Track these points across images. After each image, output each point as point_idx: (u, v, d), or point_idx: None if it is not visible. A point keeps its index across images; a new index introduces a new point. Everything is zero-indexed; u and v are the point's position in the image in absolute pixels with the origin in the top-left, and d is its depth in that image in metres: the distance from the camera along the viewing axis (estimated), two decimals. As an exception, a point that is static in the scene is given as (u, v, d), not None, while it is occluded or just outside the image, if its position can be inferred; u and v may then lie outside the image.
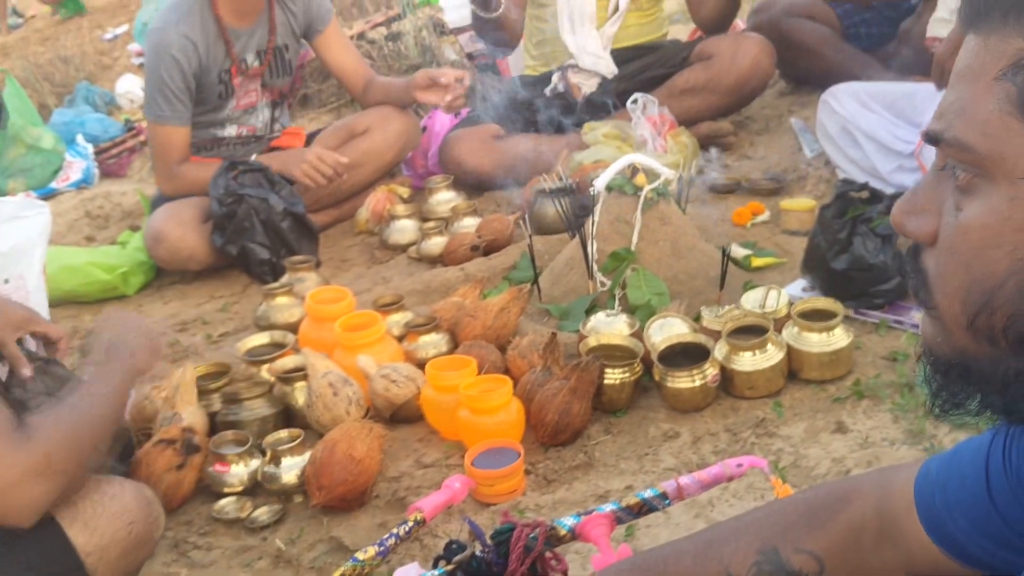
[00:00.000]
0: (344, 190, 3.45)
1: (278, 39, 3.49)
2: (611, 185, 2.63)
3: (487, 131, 3.49)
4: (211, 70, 3.37)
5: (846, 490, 1.29)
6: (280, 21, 3.48)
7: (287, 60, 3.55)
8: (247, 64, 3.44)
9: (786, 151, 3.41)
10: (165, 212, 3.26)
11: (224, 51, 3.38)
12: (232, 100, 3.47)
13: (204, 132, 3.47)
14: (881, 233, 2.38)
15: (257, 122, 3.56)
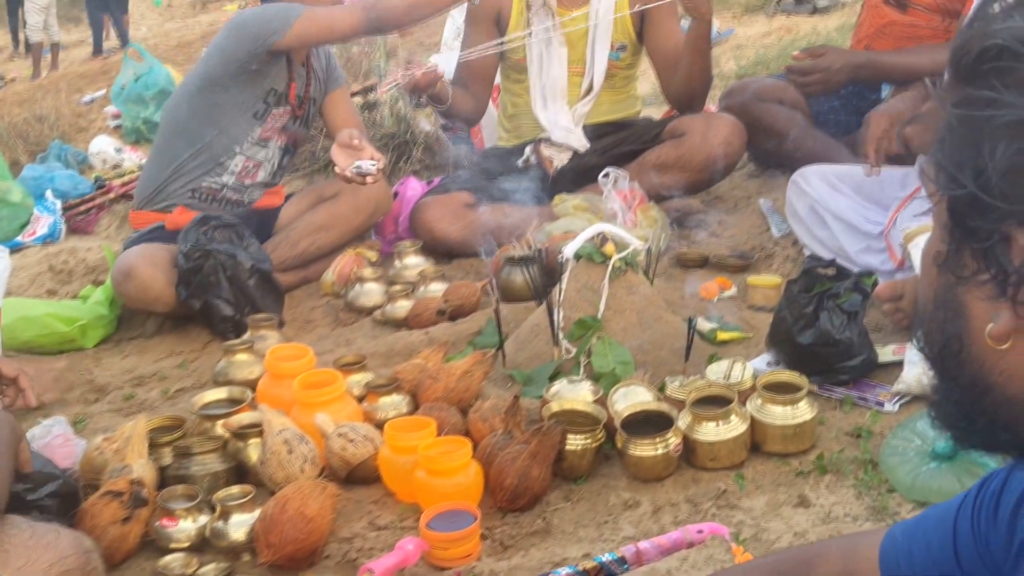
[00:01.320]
0: (311, 252, 3.43)
1: (312, 90, 3.57)
2: (580, 253, 2.62)
3: (458, 199, 3.49)
4: (271, 75, 3.43)
5: (811, 555, 1.27)
6: (313, 76, 3.58)
7: (310, 113, 3.61)
8: (295, 98, 3.51)
9: (754, 230, 3.42)
10: (138, 250, 3.23)
11: (287, 71, 3.45)
12: (260, 126, 3.49)
13: (207, 170, 3.46)
14: (847, 310, 2.37)
15: (265, 160, 3.55)
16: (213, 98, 3.41)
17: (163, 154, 3.53)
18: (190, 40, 11.49)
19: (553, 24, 3.58)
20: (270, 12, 3.38)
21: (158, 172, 3.51)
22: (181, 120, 3.50)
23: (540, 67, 3.62)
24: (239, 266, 3.08)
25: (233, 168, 3.50)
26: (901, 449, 2.07)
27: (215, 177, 3.48)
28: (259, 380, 2.58)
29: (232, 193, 3.51)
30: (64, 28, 15.64)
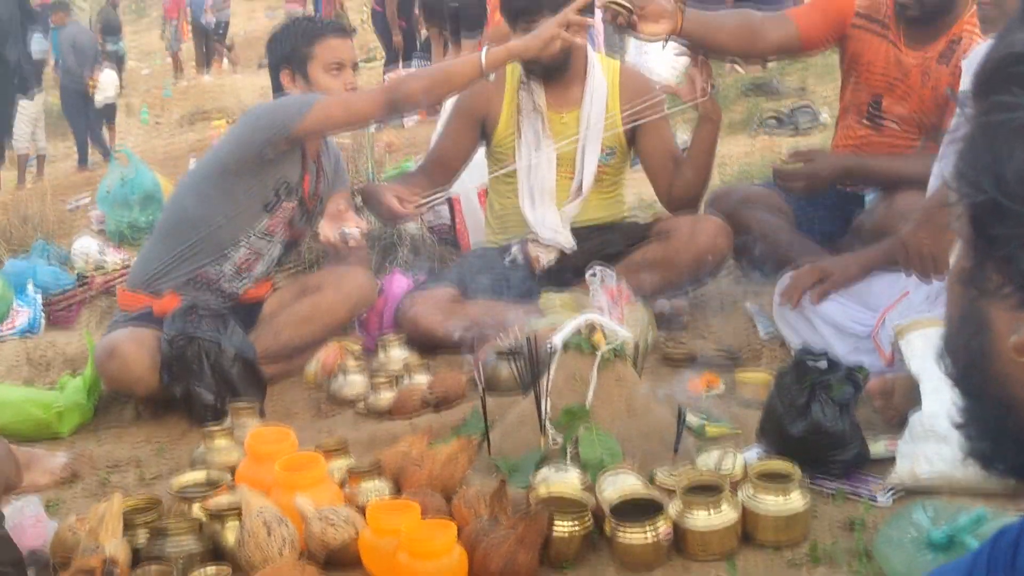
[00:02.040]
0: (294, 344, 3.40)
1: (321, 187, 3.59)
2: (568, 343, 2.60)
3: (444, 294, 3.47)
4: (284, 165, 3.42)
5: None
6: (323, 174, 3.61)
7: (317, 212, 3.61)
8: (306, 192, 3.51)
9: (740, 331, 3.42)
10: (124, 330, 3.21)
11: (300, 164, 3.45)
12: (268, 218, 3.47)
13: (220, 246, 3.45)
14: (839, 401, 2.35)
15: (265, 253, 3.53)
16: (225, 186, 3.41)
17: (166, 238, 3.52)
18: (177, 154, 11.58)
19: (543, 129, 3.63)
20: (288, 100, 3.44)
21: (158, 256, 3.49)
22: (188, 208, 3.49)
23: (529, 168, 3.65)
24: (222, 353, 3.04)
25: (234, 258, 3.48)
26: (896, 539, 2.03)
27: (216, 266, 3.46)
28: (238, 465, 2.53)
29: (227, 283, 3.49)
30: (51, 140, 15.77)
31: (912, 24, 3.38)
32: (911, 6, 3.30)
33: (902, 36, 3.44)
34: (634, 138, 3.72)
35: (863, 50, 3.54)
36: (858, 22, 3.56)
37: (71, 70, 14.18)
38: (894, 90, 3.46)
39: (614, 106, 3.67)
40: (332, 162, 3.70)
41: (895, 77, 3.46)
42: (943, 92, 3.35)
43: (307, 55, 3.53)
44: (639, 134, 3.69)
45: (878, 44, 3.50)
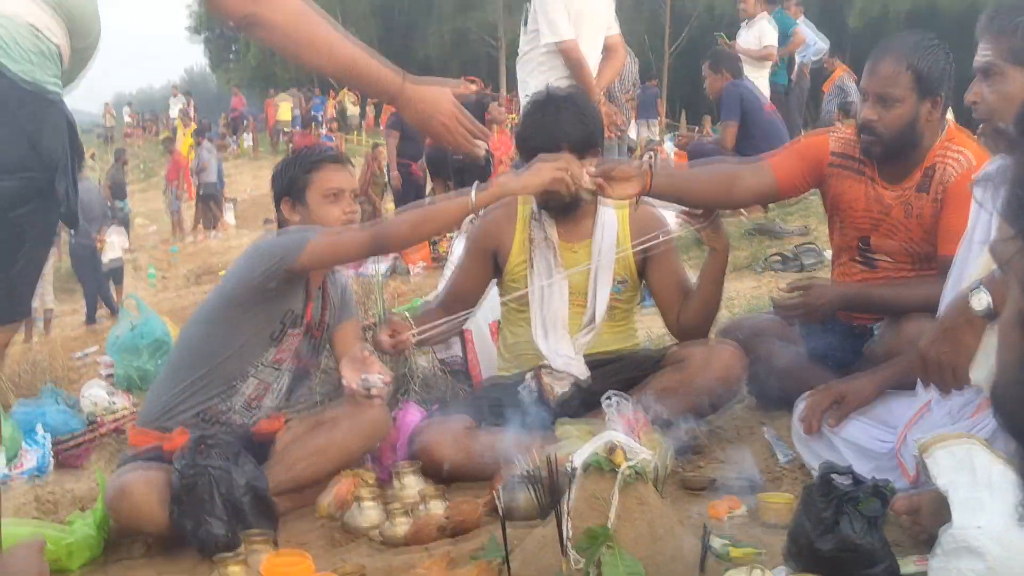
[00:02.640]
0: (307, 476, 3.36)
1: (328, 316, 3.62)
2: (588, 462, 2.57)
3: (458, 423, 3.45)
4: (289, 296, 3.45)
5: None
6: (329, 303, 3.64)
7: (322, 340, 3.64)
8: (312, 320, 3.54)
9: (759, 458, 3.37)
10: (133, 469, 3.17)
11: (304, 293, 3.49)
12: (275, 348, 3.49)
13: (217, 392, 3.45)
14: (868, 515, 2.31)
15: (274, 384, 3.55)
16: (231, 318, 3.44)
17: (175, 374, 3.53)
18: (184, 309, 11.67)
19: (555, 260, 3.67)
20: (286, 236, 3.48)
21: (168, 391, 3.50)
22: (196, 342, 3.52)
23: (542, 299, 3.67)
24: (233, 483, 3.01)
25: (243, 391, 3.49)
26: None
27: (225, 400, 3.47)
28: (253, 595, 2.47)
29: (237, 417, 3.49)
30: (57, 299, 15.91)
31: (883, 162, 3.43)
32: (874, 144, 3.35)
33: (878, 174, 3.49)
34: (644, 270, 3.75)
35: (843, 191, 3.57)
36: (835, 162, 3.59)
37: (80, 228, 14.40)
38: (879, 227, 3.50)
39: (624, 239, 3.71)
40: (339, 291, 3.73)
41: (878, 214, 3.49)
42: (928, 221, 3.38)
43: (305, 183, 3.60)
44: (649, 266, 3.72)
45: (857, 183, 3.53)
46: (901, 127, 3.31)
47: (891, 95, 3.29)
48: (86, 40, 2.26)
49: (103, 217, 15.05)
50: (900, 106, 3.29)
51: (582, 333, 3.68)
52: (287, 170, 3.69)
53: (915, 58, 3.28)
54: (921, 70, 3.28)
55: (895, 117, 3.29)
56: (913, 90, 3.29)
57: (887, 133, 3.32)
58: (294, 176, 3.64)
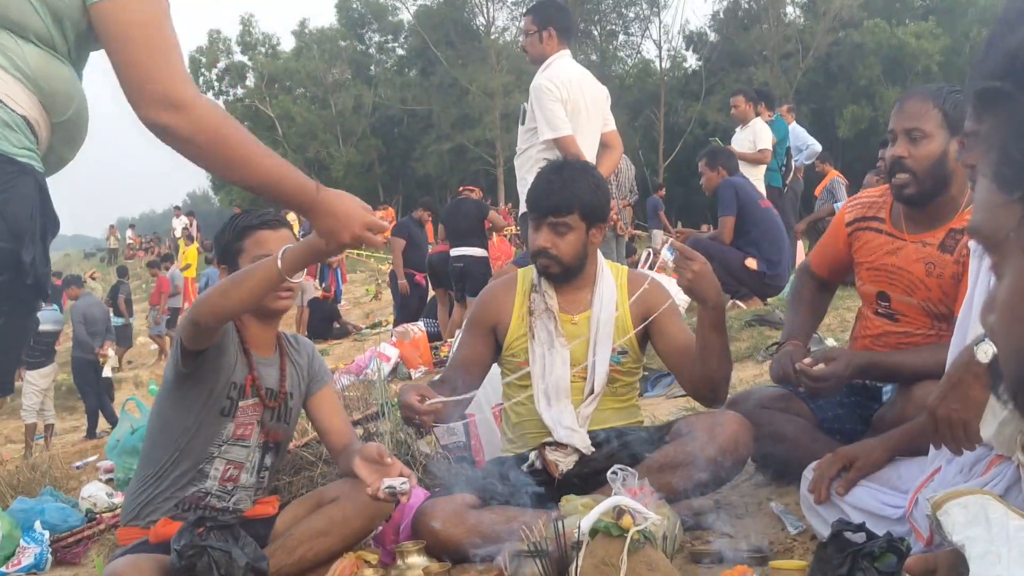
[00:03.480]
0: (309, 559, 3.30)
1: (288, 384, 3.54)
2: (596, 527, 2.53)
3: (463, 501, 3.39)
4: (225, 369, 3.36)
5: None
6: (289, 370, 3.56)
7: (289, 408, 3.56)
8: (259, 391, 3.44)
9: (768, 529, 3.32)
10: (124, 559, 3.10)
11: (245, 364, 3.40)
12: (231, 423, 3.41)
13: (188, 480, 3.38)
14: (883, 571, 2.26)
15: (246, 461, 3.46)
16: (178, 401, 3.38)
17: (144, 468, 3.46)
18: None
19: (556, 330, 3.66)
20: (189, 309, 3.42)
21: (141, 486, 3.43)
22: (155, 432, 3.47)
23: (543, 368, 3.65)
24: (234, 564, 2.94)
25: (214, 474, 3.42)
26: None
27: (198, 484, 3.39)
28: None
29: (216, 500, 3.41)
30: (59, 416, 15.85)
31: (910, 205, 3.43)
32: (907, 184, 3.35)
33: (902, 223, 3.50)
34: (649, 337, 3.73)
35: (861, 245, 3.63)
36: (853, 228, 3.66)
37: (82, 342, 14.43)
38: (897, 283, 3.49)
39: (623, 308, 3.70)
40: (305, 359, 3.66)
41: (895, 269, 3.49)
42: (948, 282, 3.37)
43: (238, 250, 3.50)
44: (652, 331, 3.69)
45: (875, 237, 3.58)
46: (932, 162, 3.31)
47: (920, 130, 3.31)
48: (64, 114, 2.22)
49: (105, 331, 15.05)
50: (929, 142, 3.31)
51: (584, 404, 3.64)
52: (222, 237, 3.60)
53: (940, 99, 3.32)
54: (947, 109, 3.31)
55: (925, 153, 3.30)
56: (941, 127, 3.31)
57: (919, 169, 3.32)
58: (227, 243, 3.54)
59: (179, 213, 37.59)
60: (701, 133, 40.86)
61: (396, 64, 56.06)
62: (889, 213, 3.57)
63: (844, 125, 41.05)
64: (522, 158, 6.24)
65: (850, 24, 43.38)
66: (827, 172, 13.93)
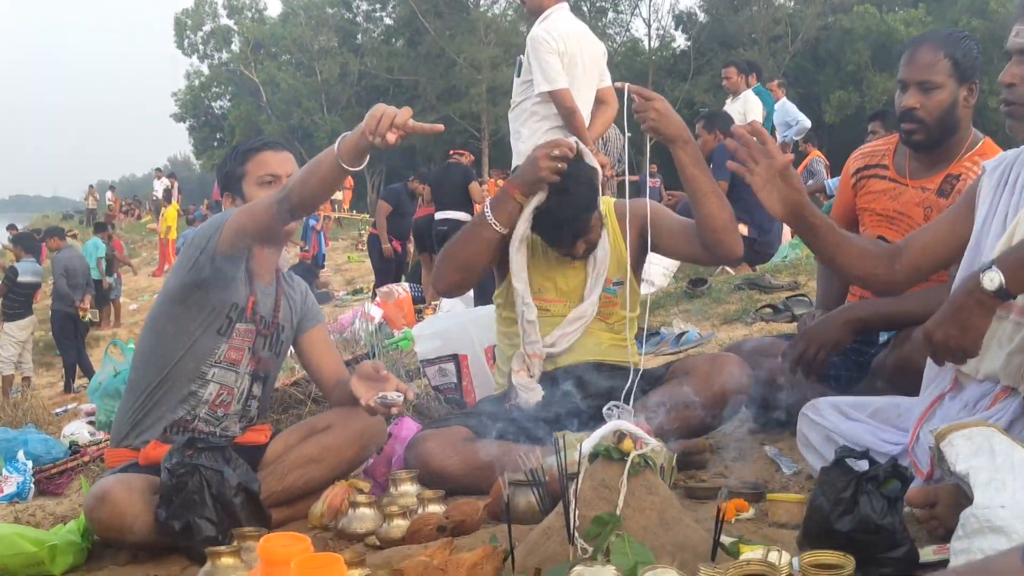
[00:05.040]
0: (299, 487, 3.26)
1: (281, 316, 3.49)
2: (596, 451, 2.49)
3: (457, 433, 3.36)
4: (225, 290, 3.32)
5: None
6: (284, 303, 3.51)
7: (280, 340, 3.51)
8: (256, 315, 3.40)
9: (762, 472, 3.31)
10: (114, 477, 3.07)
11: (248, 286, 3.36)
12: (225, 343, 3.36)
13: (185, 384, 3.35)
14: (888, 496, 2.24)
15: (235, 387, 3.42)
16: (176, 316, 3.34)
17: (135, 388, 3.42)
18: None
19: None
20: (211, 219, 3.36)
21: (131, 408, 3.39)
22: (147, 350, 3.42)
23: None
24: (225, 483, 2.90)
25: (206, 397, 3.38)
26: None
27: (187, 407, 3.35)
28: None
29: (205, 425, 3.37)
30: (36, 372, 15.73)
31: (918, 150, 3.44)
32: (916, 131, 3.37)
33: (907, 168, 3.51)
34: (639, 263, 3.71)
35: (866, 192, 3.66)
36: (859, 176, 3.68)
37: (63, 294, 14.31)
38: (897, 226, 3.50)
39: (617, 241, 3.67)
40: (300, 296, 3.63)
41: (896, 213, 3.50)
42: None
43: (241, 175, 3.45)
44: (653, 239, 3.63)
45: (877, 185, 3.60)
46: (943, 112, 3.38)
47: (931, 81, 3.37)
48: None
49: (86, 285, 14.93)
50: (940, 92, 3.37)
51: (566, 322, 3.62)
52: (225, 164, 3.56)
53: (950, 46, 3.38)
54: (957, 57, 3.37)
55: (937, 103, 3.37)
56: (952, 76, 3.37)
57: (929, 119, 3.39)
58: (231, 169, 3.49)
59: (160, 175, 37.36)
60: (688, 113, 40.79)
61: (383, 33, 55.60)
62: (892, 160, 3.58)
63: (831, 110, 41.03)
64: (516, 111, 6.19)
65: (840, 9, 43.32)
66: (809, 152, 13.93)
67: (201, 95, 59.34)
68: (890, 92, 36.22)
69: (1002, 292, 2.35)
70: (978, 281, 2.38)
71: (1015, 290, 2.34)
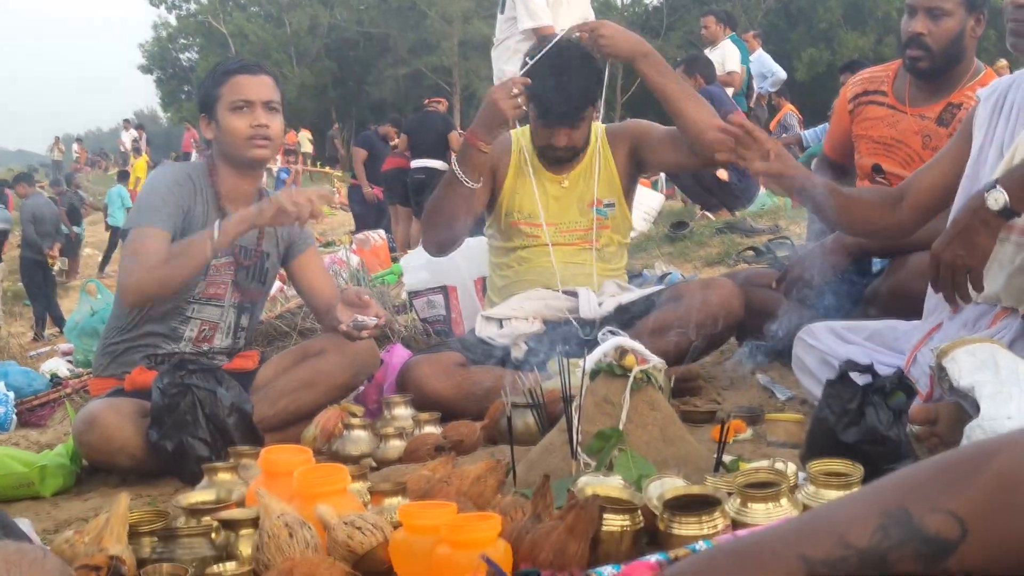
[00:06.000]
0: (291, 411, 3.23)
1: (264, 244, 3.43)
2: (599, 367, 2.48)
3: (450, 358, 3.34)
4: (195, 227, 3.25)
5: (990, 444, 1.10)
6: (268, 229, 3.41)
7: (265, 268, 3.45)
8: (235, 245, 3.32)
9: (756, 399, 3.30)
10: (102, 400, 3.03)
11: (216, 221, 3.26)
12: (202, 280, 3.30)
13: (166, 321, 3.30)
14: (894, 408, 2.23)
15: (220, 321, 3.38)
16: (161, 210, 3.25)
17: (117, 320, 3.37)
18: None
19: None
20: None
21: (113, 339, 3.35)
22: None
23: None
24: (218, 403, 2.87)
25: (188, 335, 3.34)
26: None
27: (171, 344, 3.32)
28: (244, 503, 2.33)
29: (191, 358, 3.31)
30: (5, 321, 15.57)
31: (921, 78, 3.42)
32: (922, 58, 3.34)
33: (907, 95, 3.49)
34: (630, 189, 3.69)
35: (863, 118, 3.63)
36: (856, 101, 3.65)
37: (31, 242, 14.14)
38: (894, 154, 3.48)
39: (608, 162, 3.65)
40: None
41: (893, 141, 3.48)
42: None
43: (216, 97, 3.33)
44: (642, 155, 3.64)
45: (875, 111, 3.58)
46: (950, 40, 3.38)
47: (941, 8, 3.36)
48: None
49: (56, 233, 14.77)
50: (949, 19, 3.36)
51: None
52: (202, 86, 3.46)
53: None
54: None
55: (945, 31, 3.36)
56: (961, 4, 3.37)
57: (937, 46, 3.38)
58: (207, 90, 3.37)
59: (128, 126, 36.94)
60: (660, 69, 40.64)
61: (354, -15, 55.07)
62: (891, 86, 3.55)
63: (802, 68, 40.99)
64: (500, 48, 6.14)
65: (813, -34, 43.22)
66: (782, 106, 13.90)
67: (168, 47, 58.49)
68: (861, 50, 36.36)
69: (1006, 210, 2.34)
70: (983, 200, 2.37)
71: (1020, 208, 2.33)
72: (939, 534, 1.06)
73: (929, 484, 1.09)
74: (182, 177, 3.31)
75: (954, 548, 1.06)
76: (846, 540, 1.08)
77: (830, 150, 3.86)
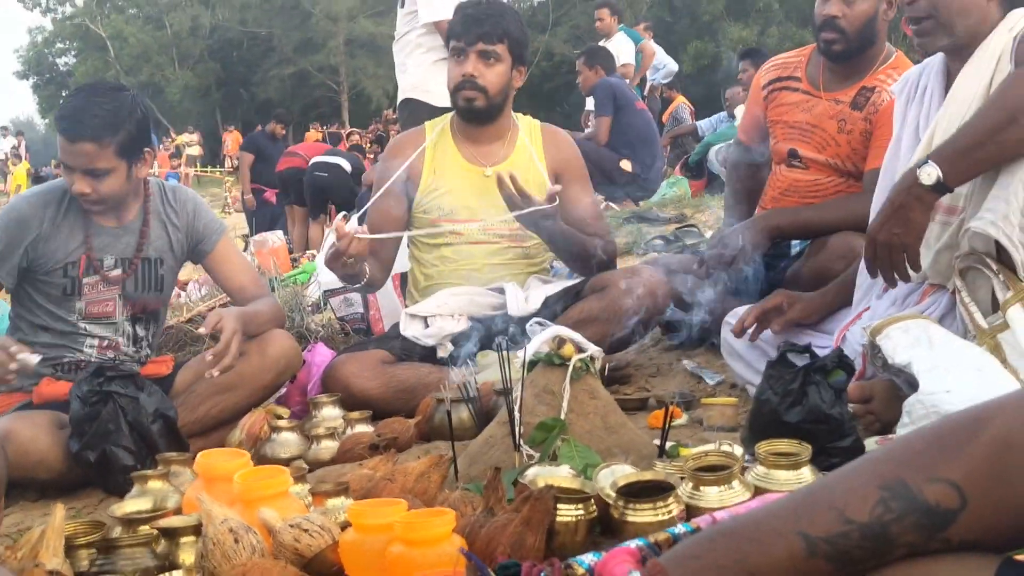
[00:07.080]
0: (213, 416, 3.14)
1: (149, 251, 3.29)
2: (536, 357, 2.45)
3: (376, 356, 3.28)
4: (56, 253, 3.15)
5: (982, 410, 1.09)
6: (156, 235, 3.30)
7: (159, 275, 3.32)
8: (102, 265, 3.21)
9: (685, 384, 3.31)
10: (12, 414, 2.91)
11: (80, 241, 3.17)
12: (80, 301, 3.21)
13: (61, 346, 3.17)
14: (835, 386, 2.25)
15: (119, 337, 3.28)
16: (16, 292, 3.25)
17: (13, 334, 3.25)
18: None
19: None
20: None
21: None
22: (13, 313, 3.31)
23: None
24: (141, 410, 2.77)
25: (88, 350, 3.26)
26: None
27: (75, 353, 3.23)
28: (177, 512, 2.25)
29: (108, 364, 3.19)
30: None
31: (835, 61, 3.45)
32: (836, 41, 3.37)
33: (820, 80, 3.52)
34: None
35: (776, 106, 3.64)
36: (770, 88, 3.67)
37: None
38: (810, 139, 3.51)
39: (536, 162, 3.63)
40: (187, 217, 3.37)
41: (808, 126, 3.51)
42: (858, 139, 3.41)
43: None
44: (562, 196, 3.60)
45: (790, 96, 3.60)
46: (864, 22, 3.39)
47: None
48: None
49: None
50: (863, 2, 3.38)
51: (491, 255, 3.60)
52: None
53: None
54: None
55: (858, 13, 3.38)
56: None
57: (851, 28, 3.39)
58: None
59: (7, 133, 35.74)
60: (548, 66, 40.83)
61: (235, -16, 54.17)
62: (805, 71, 3.58)
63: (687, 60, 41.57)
64: (401, 43, 6.06)
65: (695, -41, 43.85)
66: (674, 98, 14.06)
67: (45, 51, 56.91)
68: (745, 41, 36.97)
69: (939, 185, 2.36)
70: (915, 177, 2.39)
71: (952, 181, 2.35)
72: (939, 504, 1.05)
73: (925, 454, 1.09)
74: (38, 205, 3.18)
75: (954, 518, 1.06)
76: (846, 515, 1.07)
77: (745, 134, 3.88)
